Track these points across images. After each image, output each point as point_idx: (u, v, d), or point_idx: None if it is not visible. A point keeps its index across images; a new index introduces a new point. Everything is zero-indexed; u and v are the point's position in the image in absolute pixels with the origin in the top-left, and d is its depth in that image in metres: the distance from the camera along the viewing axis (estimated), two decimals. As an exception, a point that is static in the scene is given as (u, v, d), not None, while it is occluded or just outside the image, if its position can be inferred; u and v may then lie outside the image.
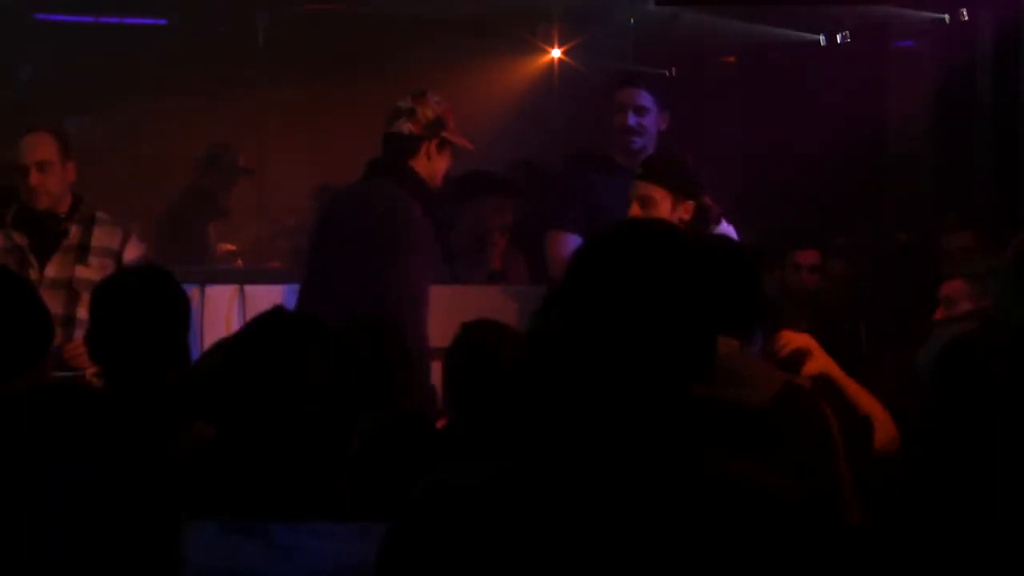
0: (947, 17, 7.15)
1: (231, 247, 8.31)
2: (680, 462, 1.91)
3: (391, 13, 8.96)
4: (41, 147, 5.07)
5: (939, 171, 7.58)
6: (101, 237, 5.11)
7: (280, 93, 9.02)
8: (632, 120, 5.41)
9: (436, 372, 4.14)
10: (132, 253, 5.12)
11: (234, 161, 8.22)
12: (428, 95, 4.96)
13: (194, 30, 9.06)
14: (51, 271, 5.03)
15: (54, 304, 4.91)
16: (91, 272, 4.99)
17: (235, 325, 5.98)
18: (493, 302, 5.45)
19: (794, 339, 3.52)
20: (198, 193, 8.13)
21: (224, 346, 2.90)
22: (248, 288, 6.17)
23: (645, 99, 5.44)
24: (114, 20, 9.19)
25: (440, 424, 3.81)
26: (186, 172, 8.28)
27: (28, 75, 8.97)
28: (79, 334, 4.85)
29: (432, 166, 4.91)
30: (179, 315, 3.39)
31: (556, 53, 9.43)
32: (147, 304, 3.31)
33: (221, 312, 6.07)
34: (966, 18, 7.03)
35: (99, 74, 8.87)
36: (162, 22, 9.32)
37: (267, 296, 5.92)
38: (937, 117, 7.54)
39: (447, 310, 4.84)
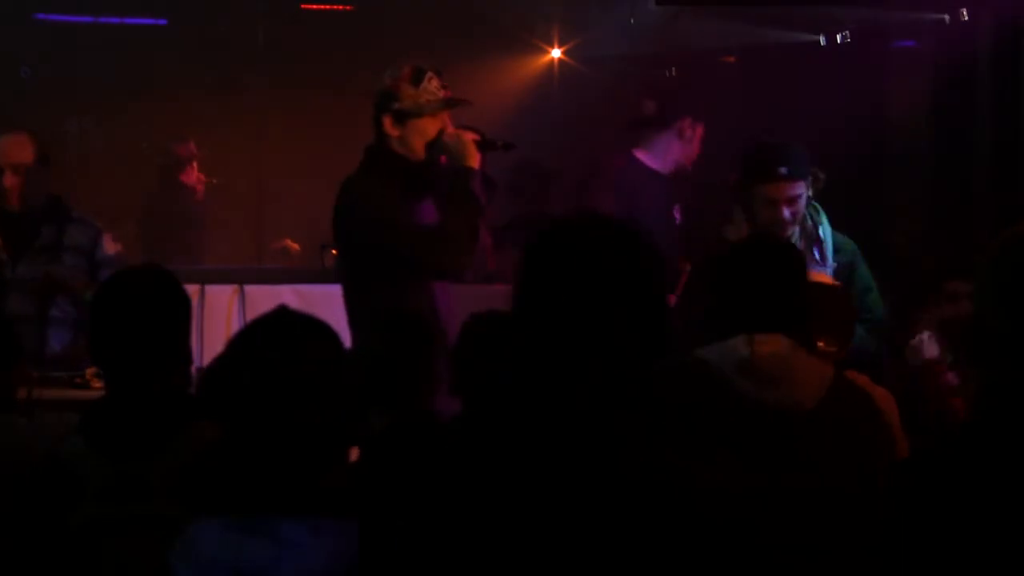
0: (947, 17, 7.15)
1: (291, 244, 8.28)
2: (609, 441, 2.07)
3: (391, 13, 8.97)
4: (16, 150, 5.06)
5: (939, 171, 7.58)
6: (74, 236, 5.10)
7: (280, 93, 9.03)
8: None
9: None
10: (105, 251, 5.10)
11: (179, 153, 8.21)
12: (393, 70, 4.79)
13: (194, 30, 9.07)
14: (22, 271, 5.02)
15: (25, 304, 4.92)
16: (65, 271, 4.99)
17: (235, 325, 5.98)
18: (489, 302, 5.43)
19: None
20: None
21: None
22: (248, 288, 6.17)
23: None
24: (114, 20, 9.19)
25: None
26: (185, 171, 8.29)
27: (28, 75, 8.98)
28: (51, 333, 4.87)
29: (402, 142, 4.74)
30: (180, 315, 3.39)
31: (556, 53, 9.43)
32: (148, 304, 3.31)
33: (221, 312, 6.08)
34: (966, 18, 7.02)
35: (99, 74, 8.88)
36: (162, 22, 9.33)
37: (267, 296, 5.93)
38: (937, 117, 7.54)
39: (445, 310, 4.84)
